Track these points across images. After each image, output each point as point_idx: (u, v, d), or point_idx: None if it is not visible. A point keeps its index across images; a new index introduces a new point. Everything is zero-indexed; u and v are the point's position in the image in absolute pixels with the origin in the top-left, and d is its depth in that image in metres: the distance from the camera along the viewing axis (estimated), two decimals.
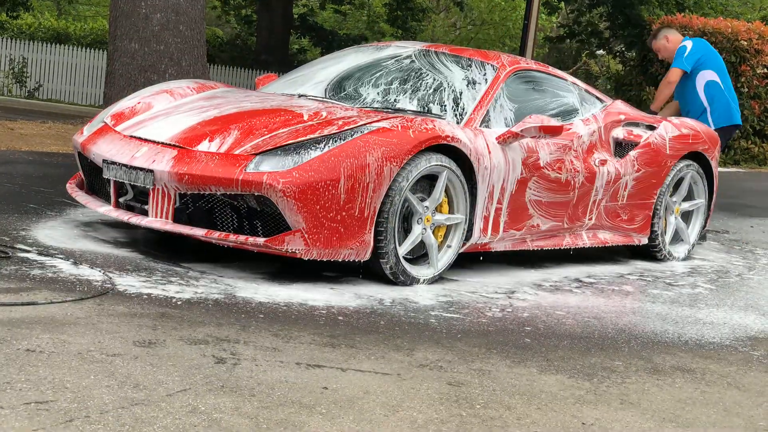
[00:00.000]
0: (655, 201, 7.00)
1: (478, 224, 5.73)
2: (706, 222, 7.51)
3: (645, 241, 7.06)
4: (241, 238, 5.04)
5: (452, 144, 5.43)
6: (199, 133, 5.41)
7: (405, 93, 6.42)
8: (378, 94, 6.49)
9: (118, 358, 3.58)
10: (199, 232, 5.11)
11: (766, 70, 17.25)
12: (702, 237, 7.90)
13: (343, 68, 7.04)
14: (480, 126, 5.89)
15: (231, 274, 5.18)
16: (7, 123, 10.97)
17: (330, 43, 24.69)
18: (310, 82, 6.79)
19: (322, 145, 5.08)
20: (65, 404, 3.08)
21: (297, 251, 5.02)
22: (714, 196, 7.53)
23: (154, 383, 3.37)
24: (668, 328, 5.25)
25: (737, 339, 5.17)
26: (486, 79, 6.28)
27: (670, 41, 8.26)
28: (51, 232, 5.62)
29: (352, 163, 5.05)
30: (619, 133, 6.93)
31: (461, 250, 5.73)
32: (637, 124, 7.09)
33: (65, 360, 3.48)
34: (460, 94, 6.29)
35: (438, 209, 5.49)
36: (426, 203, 5.38)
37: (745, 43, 16.88)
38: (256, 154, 5.07)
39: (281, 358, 3.86)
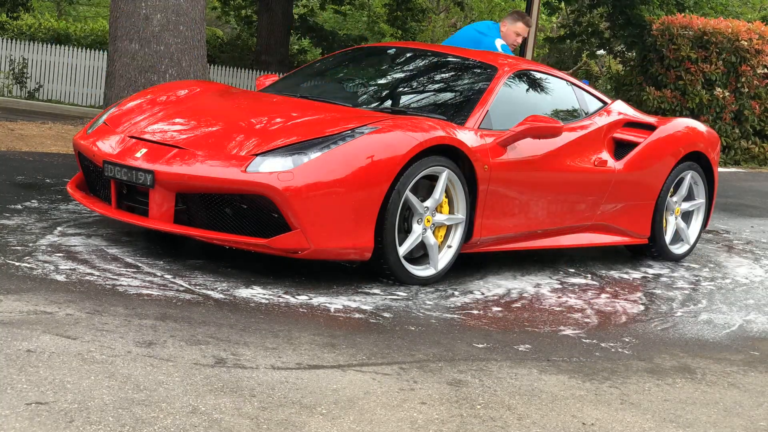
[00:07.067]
0: (655, 201, 7.00)
1: (478, 224, 5.73)
2: (706, 222, 7.51)
3: (645, 241, 7.06)
4: (242, 238, 5.04)
5: (452, 144, 5.43)
6: (199, 133, 5.41)
7: (406, 93, 6.43)
8: (378, 94, 6.50)
9: (119, 359, 3.58)
10: (199, 233, 5.11)
11: (766, 70, 17.26)
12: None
13: (344, 69, 7.05)
14: (480, 126, 5.89)
15: (231, 274, 5.18)
16: (7, 124, 10.97)
17: (330, 43, 24.66)
18: (310, 83, 6.79)
19: (322, 146, 5.08)
20: (66, 405, 3.08)
21: (297, 251, 5.02)
22: (714, 196, 7.53)
23: (155, 384, 3.37)
24: (669, 328, 5.25)
25: (737, 339, 5.17)
26: (486, 80, 6.28)
27: None
28: (51, 232, 5.62)
29: (352, 163, 5.05)
30: (620, 133, 6.93)
31: (461, 250, 5.72)
32: (637, 125, 7.08)
33: (65, 360, 3.48)
34: (461, 95, 6.30)
35: (438, 209, 5.49)
36: (426, 203, 5.38)
37: (746, 43, 16.89)
38: (257, 155, 5.07)
39: (282, 358, 3.86)
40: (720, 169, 13.17)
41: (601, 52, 24.24)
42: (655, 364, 4.47)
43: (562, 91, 6.84)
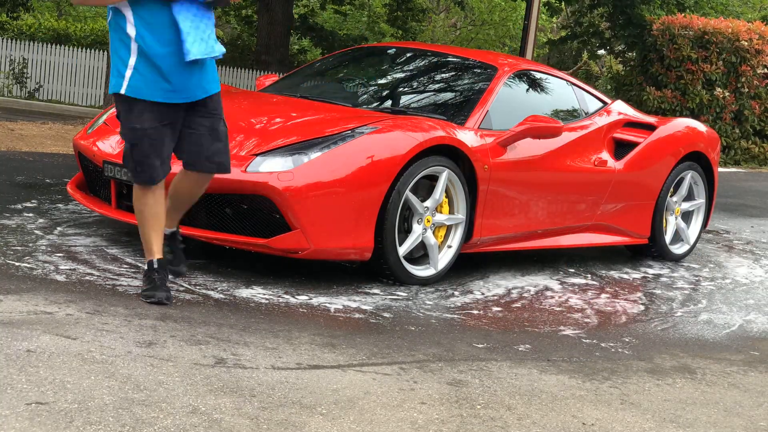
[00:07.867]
0: (655, 201, 7.00)
1: (478, 224, 5.73)
2: (706, 222, 7.52)
3: (645, 241, 7.06)
4: (242, 238, 5.04)
5: (453, 144, 5.43)
6: None
7: (406, 93, 6.43)
8: (379, 94, 6.50)
9: (119, 359, 3.58)
10: (199, 233, 5.10)
11: (766, 70, 17.26)
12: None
13: (344, 69, 7.05)
14: (480, 126, 5.89)
15: (231, 274, 5.18)
16: (7, 124, 10.97)
17: (330, 43, 24.65)
18: (310, 83, 6.79)
19: (322, 146, 5.08)
20: (66, 405, 3.08)
21: (297, 251, 5.02)
22: (714, 196, 7.53)
23: (155, 384, 3.37)
24: (669, 328, 5.25)
25: (737, 339, 5.17)
26: (486, 80, 6.28)
27: None
28: (51, 232, 5.62)
29: (352, 163, 5.05)
30: (620, 133, 6.93)
31: (462, 250, 5.72)
32: (637, 125, 7.08)
33: (66, 360, 3.48)
34: (461, 95, 6.30)
35: (438, 209, 5.49)
36: (426, 203, 5.38)
37: (746, 43, 16.89)
38: (257, 155, 5.07)
39: (282, 358, 3.86)
40: (720, 169, 13.17)
41: (601, 52, 24.23)
42: (655, 364, 4.47)
43: (562, 91, 6.85)
